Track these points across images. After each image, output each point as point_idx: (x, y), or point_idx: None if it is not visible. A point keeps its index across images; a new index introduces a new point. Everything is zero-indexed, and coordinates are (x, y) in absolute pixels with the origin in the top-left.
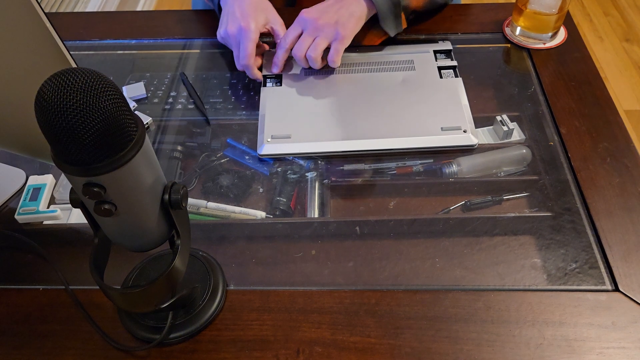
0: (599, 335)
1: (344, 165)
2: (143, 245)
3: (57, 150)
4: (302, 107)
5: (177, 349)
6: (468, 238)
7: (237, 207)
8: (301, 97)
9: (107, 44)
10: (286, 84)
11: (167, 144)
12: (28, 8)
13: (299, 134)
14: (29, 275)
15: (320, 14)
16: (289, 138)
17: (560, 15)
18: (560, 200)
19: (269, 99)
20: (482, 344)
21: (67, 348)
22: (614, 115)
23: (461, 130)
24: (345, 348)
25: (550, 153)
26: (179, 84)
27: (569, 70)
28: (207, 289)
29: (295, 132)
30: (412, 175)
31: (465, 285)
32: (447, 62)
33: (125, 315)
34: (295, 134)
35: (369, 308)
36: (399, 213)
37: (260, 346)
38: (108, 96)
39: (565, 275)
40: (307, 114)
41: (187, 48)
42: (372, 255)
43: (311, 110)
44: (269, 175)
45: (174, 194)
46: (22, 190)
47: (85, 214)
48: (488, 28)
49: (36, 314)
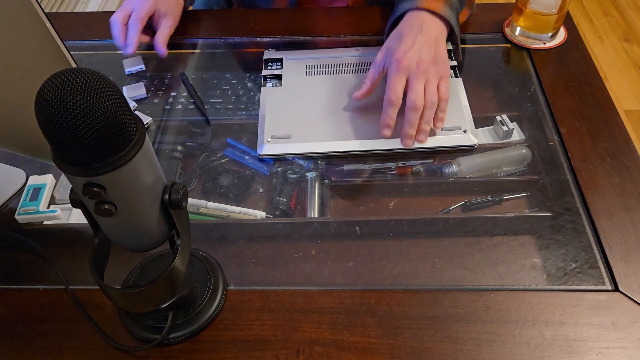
0: (599, 335)
1: (344, 165)
2: (143, 245)
3: (57, 150)
4: (303, 107)
5: (177, 349)
6: (468, 238)
7: (237, 207)
8: (301, 97)
9: (107, 44)
10: (286, 83)
11: (167, 144)
12: (28, 8)
13: (299, 134)
14: (29, 275)
15: (418, 54)
16: (289, 138)
17: (560, 15)
18: (560, 200)
19: (269, 99)
20: (482, 344)
21: (67, 348)
22: (614, 115)
23: (461, 130)
24: (345, 348)
25: (550, 153)
26: (179, 84)
27: (569, 70)
28: (207, 289)
29: (295, 132)
30: (412, 175)
31: (465, 285)
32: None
33: (125, 315)
34: (295, 134)
35: (369, 308)
36: (399, 213)
37: (260, 346)
38: (108, 96)
39: (565, 275)
40: (308, 113)
41: (187, 48)
42: (372, 255)
43: (311, 110)
44: (269, 175)
45: (174, 194)
46: (22, 190)
47: (85, 214)
48: (488, 28)
49: (36, 314)
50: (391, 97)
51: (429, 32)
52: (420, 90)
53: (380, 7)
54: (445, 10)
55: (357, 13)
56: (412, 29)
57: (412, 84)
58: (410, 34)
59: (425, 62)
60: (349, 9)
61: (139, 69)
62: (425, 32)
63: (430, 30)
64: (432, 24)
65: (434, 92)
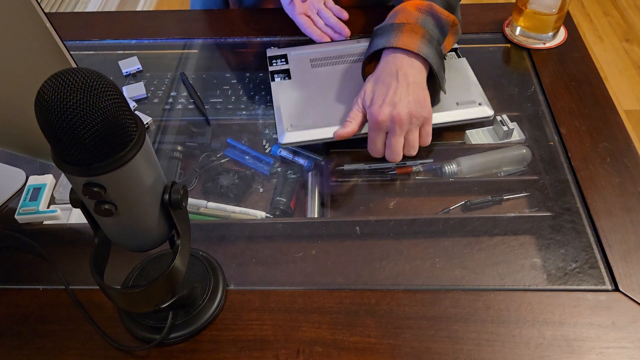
0: (598, 335)
1: (344, 165)
2: (143, 245)
3: (57, 150)
4: (316, 96)
5: (177, 349)
6: (468, 238)
7: (237, 207)
8: (313, 86)
9: (107, 44)
10: (295, 76)
11: (167, 144)
12: (28, 8)
13: (317, 120)
14: (29, 275)
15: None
16: (309, 125)
17: (560, 15)
18: (560, 200)
19: (280, 92)
20: (482, 344)
21: (67, 348)
22: (614, 115)
23: (476, 103)
24: (345, 348)
25: (550, 153)
26: (179, 84)
27: (569, 70)
28: (207, 289)
29: (313, 119)
30: (412, 175)
31: (465, 285)
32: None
33: (125, 315)
34: (314, 121)
35: (369, 308)
36: (399, 213)
37: (260, 346)
38: (108, 96)
39: (565, 275)
40: (322, 101)
41: (187, 48)
42: (372, 255)
43: (325, 97)
44: (269, 175)
45: (174, 194)
46: (22, 190)
47: (85, 214)
48: (488, 28)
49: (36, 314)
50: (372, 154)
51: (405, 79)
52: (399, 147)
53: (373, 8)
54: (422, 47)
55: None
56: (388, 75)
57: (390, 142)
58: (385, 82)
59: (401, 116)
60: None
61: (135, 69)
62: (402, 79)
63: (406, 76)
64: (408, 69)
65: (415, 142)
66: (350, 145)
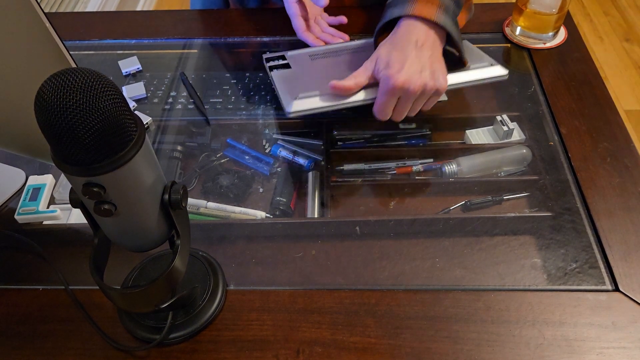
0: (599, 335)
1: (344, 165)
2: (143, 245)
3: (57, 150)
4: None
5: (177, 349)
6: (468, 238)
7: (237, 207)
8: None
9: (106, 44)
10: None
11: (167, 144)
12: (28, 8)
13: (322, 90)
14: (29, 275)
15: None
16: (315, 94)
17: (560, 15)
18: (560, 200)
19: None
20: (482, 344)
21: (67, 348)
22: (614, 115)
23: (488, 64)
24: (345, 348)
25: (550, 153)
26: (179, 84)
27: (569, 70)
28: (207, 289)
29: (319, 89)
30: (412, 175)
31: (465, 285)
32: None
33: (125, 315)
34: (320, 91)
35: (369, 308)
36: (399, 213)
37: (260, 346)
38: (108, 96)
39: (565, 275)
40: (324, 75)
41: (187, 48)
42: (372, 255)
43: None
44: (269, 175)
45: (174, 194)
46: (22, 190)
47: (85, 214)
48: (488, 28)
49: (36, 314)
50: (378, 116)
51: (423, 49)
52: (405, 111)
53: (375, 8)
54: (440, 16)
55: (355, 14)
56: (405, 42)
57: (398, 107)
58: (404, 49)
59: (417, 86)
60: (348, 9)
61: (135, 69)
62: (420, 49)
63: (424, 47)
64: (426, 38)
65: (418, 108)
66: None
